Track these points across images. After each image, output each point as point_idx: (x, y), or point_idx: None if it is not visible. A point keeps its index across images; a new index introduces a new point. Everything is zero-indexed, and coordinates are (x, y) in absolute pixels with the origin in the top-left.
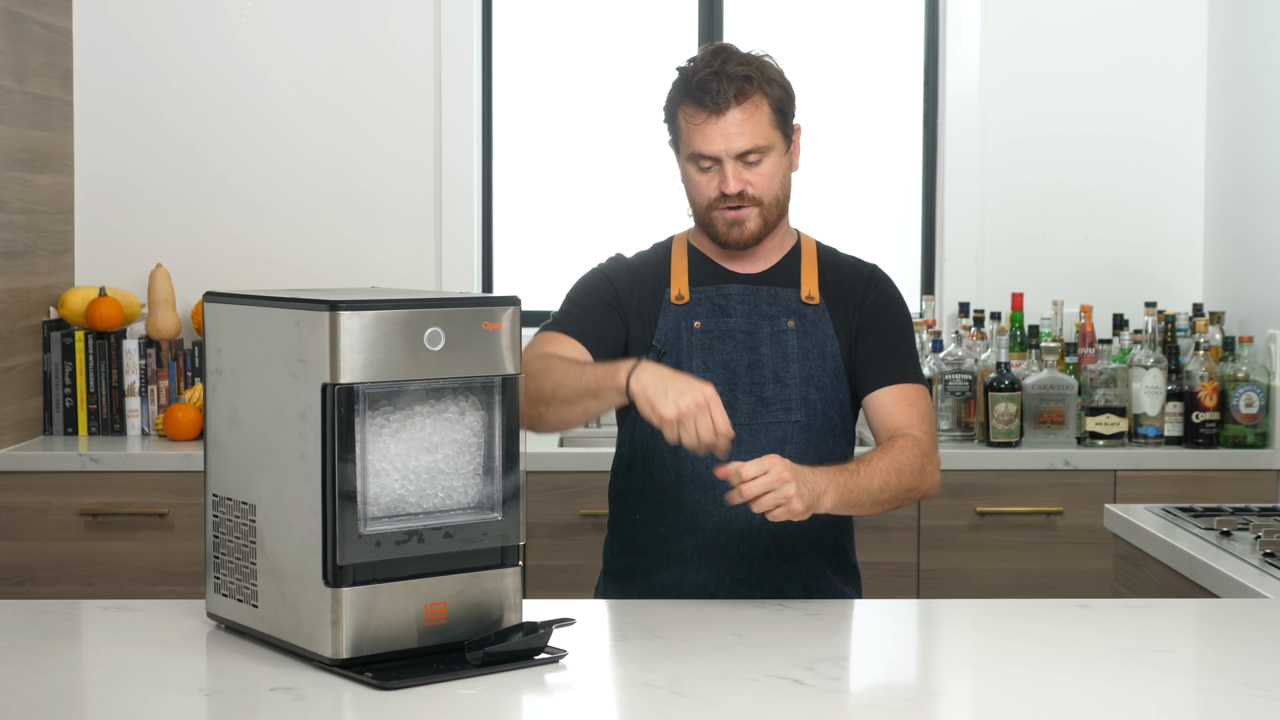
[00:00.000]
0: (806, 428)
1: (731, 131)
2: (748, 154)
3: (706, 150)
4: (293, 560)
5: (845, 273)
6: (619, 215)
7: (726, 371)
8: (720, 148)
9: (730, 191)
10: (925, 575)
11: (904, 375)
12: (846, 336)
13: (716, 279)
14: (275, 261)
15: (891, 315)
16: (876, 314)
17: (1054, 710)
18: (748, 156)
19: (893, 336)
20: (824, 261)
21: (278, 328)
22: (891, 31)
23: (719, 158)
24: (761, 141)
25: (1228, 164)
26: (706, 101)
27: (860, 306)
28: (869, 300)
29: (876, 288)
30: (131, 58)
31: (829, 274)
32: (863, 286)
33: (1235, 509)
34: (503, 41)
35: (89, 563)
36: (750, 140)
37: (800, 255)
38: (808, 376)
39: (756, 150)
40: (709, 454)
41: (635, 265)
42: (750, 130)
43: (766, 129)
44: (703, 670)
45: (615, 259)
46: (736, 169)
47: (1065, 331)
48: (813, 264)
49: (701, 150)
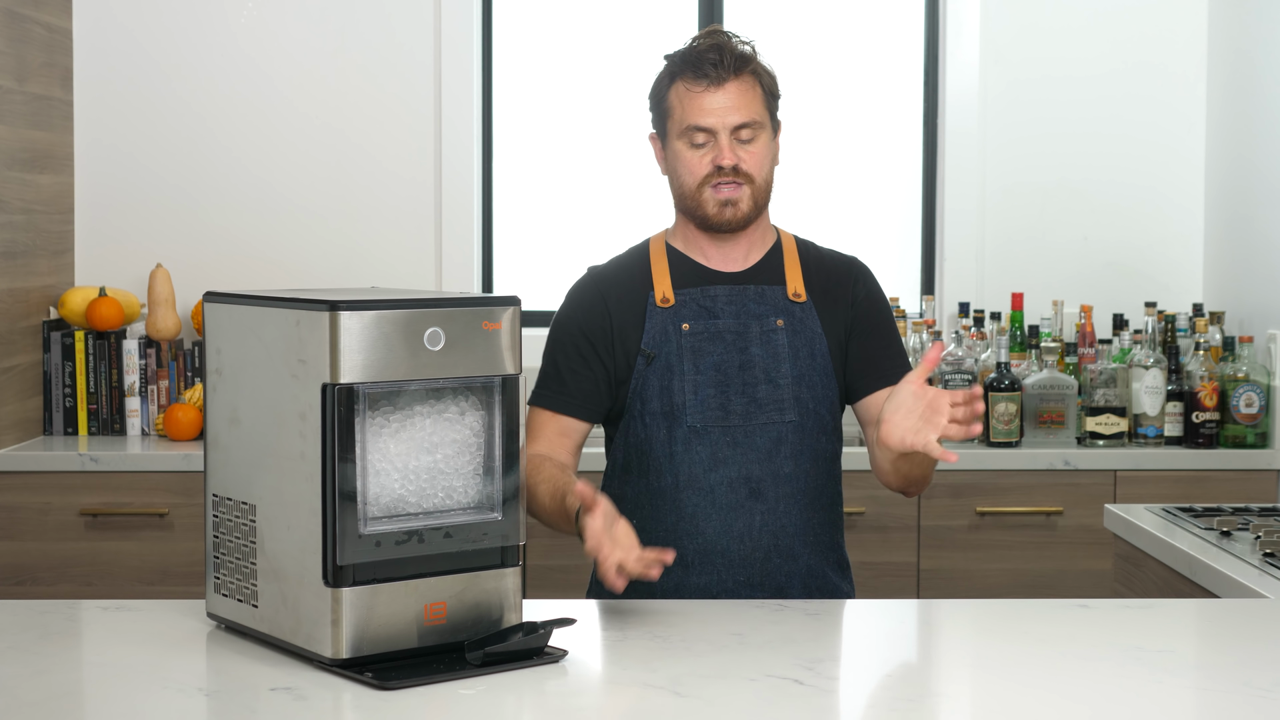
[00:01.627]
0: (800, 427)
1: (730, 104)
2: (742, 128)
3: (703, 122)
4: (293, 560)
5: (829, 268)
6: (619, 215)
7: (717, 373)
8: (717, 120)
9: (725, 164)
10: (925, 575)
11: (897, 376)
12: (835, 333)
13: (700, 280)
14: (275, 261)
15: (881, 313)
16: (868, 313)
17: (1054, 710)
18: (742, 132)
19: (885, 336)
20: (806, 257)
21: (278, 328)
22: (891, 31)
23: (714, 130)
24: (756, 117)
25: (1228, 164)
26: (708, 71)
27: (850, 304)
28: (859, 297)
29: (864, 283)
30: (132, 57)
31: (812, 270)
32: (849, 282)
33: (1235, 509)
34: (503, 40)
35: (89, 563)
36: (746, 114)
37: (782, 252)
38: (799, 375)
39: (751, 126)
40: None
41: (612, 280)
42: (747, 104)
43: (760, 108)
44: (703, 670)
45: (588, 278)
46: (731, 143)
47: (1065, 331)
48: (795, 260)
49: (698, 122)
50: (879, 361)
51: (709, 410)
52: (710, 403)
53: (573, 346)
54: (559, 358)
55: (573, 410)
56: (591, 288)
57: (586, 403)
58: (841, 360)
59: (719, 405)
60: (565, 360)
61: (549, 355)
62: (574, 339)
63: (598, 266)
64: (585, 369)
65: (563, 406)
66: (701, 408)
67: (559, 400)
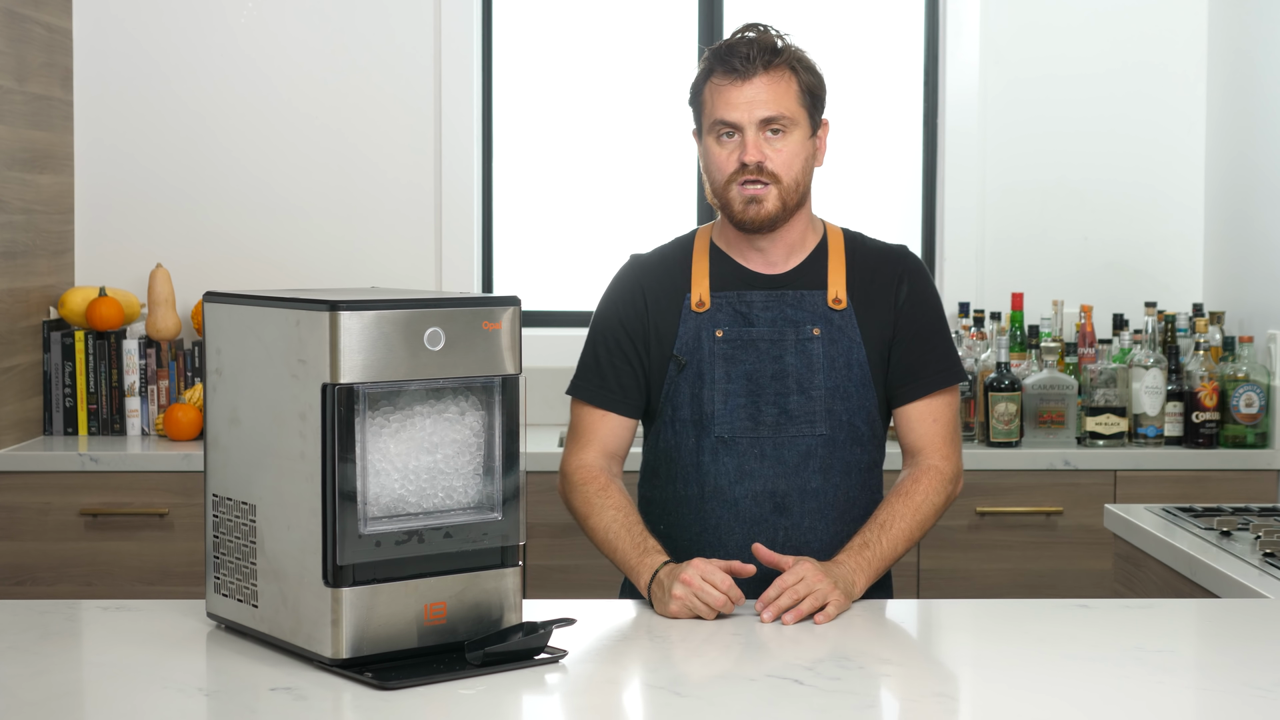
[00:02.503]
0: (830, 440)
1: (756, 98)
2: (770, 122)
3: (729, 116)
4: (293, 560)
5: (875, 265)
6: (619, 215)
7: (749, 382)
8: (743, 114)
9: (749, 160)
10: (925, 575)
11: (936, 382)
12: (875, 341)
13: (739, 283)
14: (275, 261)
15: (927, 315)
16: (912, 316)
17: (1054, 710)
18: (770, 125)
19: (926, 340)
20: (852, 256)
21: (278, 328)
22: (891, 31)
23: (740, 125)
24: (785, 112)
25: (1228, 164)
26: (735, 64)
27: (894, 308)
28: (902, 298)
29: (910, 280)
30: (132, 57)
31: (857, 271)
32: (894, 282)
33: (1235, 509)
34: (503, 41)
35: (89, 563)
36: (774, 108)
37: (827, 252)
38: (833, 387)
39: (779, 121)
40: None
41: (652, 273)
42: (775, 99)
43: (792, 103)
44: (703, 670)
45: (630, 268)
46: (757, 139)
47: (1065, 331)
48: (840, 261)
49: (724, 116)
50: (918, 370)
51: (738, 420)
52: (740, 413)
53: (614, 339)
54: (599, 350)
55: (615, 405)
56: (632, 280)
57: (627, 397)
58: (881, 367)
59: (749, 415)
60: (606, 354)
61: (590, 345)
62: (614, 332)
63: (640, 255)
64: (625, 364)
65: (605, 402)
66: (731, 418)
67: (600, 395)
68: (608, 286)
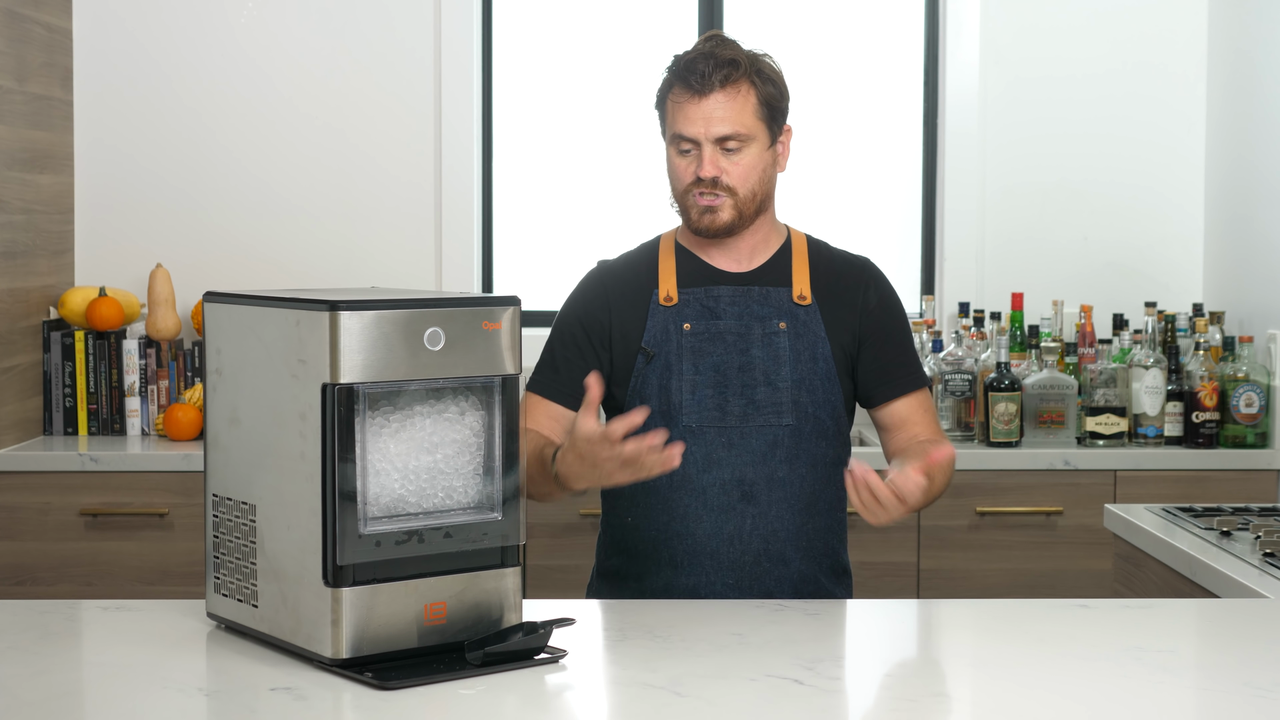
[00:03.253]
0: (797, 431)
1: (713, 115)
2: (727, 140)
3: (686, 131)
4: (293, 560)
5: (839, 269)
6: (619, 215)
7: (716, 374)
8: (700, 130)
9: (704, 175)
10: (925, 575)
11: (915, 381)
12: (841, 338)
13: (705, 279)
14: (275, 261)
15: (894, 319)
16: (881, 319)
17: (1054, 710)
18: (727, 143)
19: (899, 343)
20: (815, 258)
21: (278, 328)
22: (891, 31)
23: (698, 140)
24: (742, 129)
25: (1228, 164)
26: (692, 82)
27: (862, 311)
28: (871, 304)
29: (876, 288)
30: (132, 57)
31: (821, 272)
32: (861, 286)
33: (1235, 509)
34: (503, 41)
35: (89, 563)
36: (730, 126)
37: (791, 253)
38: (799, 379)
39: (736, 138)
40: (697, 452)
41: (617, 275)
42: (732, 116)
43: (749, 119)
44: (703, 670)
45: (595, 272)
46: (714, 154)
47: (1065, 331)
48: (804, 262)
49: (682, 131)
50: (892, 371)
51: (706, 410)
52: (708, 403)
53: (570, 337)
54: (556, 347)
55: (563, 399)
56: (596, 282)
57: (577, 392)
58: (846, 365)
59: (716, 406)
60: (561, 350)
61: (548, 344)
62: (571, 329)
63: (607, 261)
64: (579, 359)
65: (554, 394)
66: (698, 408)
67: (551, 388)
68: (571, 290)
